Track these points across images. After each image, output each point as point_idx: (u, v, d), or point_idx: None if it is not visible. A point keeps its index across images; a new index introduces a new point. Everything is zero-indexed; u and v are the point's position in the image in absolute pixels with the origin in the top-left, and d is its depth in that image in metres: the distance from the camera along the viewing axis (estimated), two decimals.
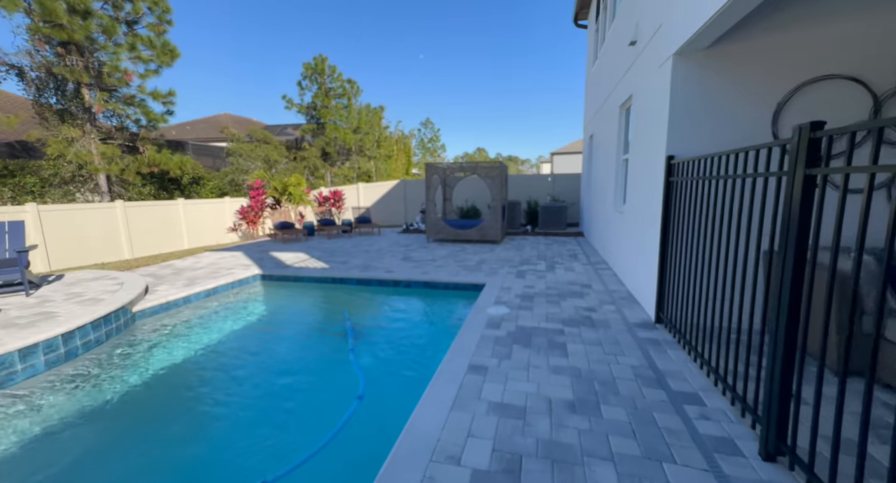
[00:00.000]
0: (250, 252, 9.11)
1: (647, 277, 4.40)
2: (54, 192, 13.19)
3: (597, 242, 8.49)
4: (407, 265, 7.15)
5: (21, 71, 12.20)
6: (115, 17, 12.66)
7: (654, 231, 4.07)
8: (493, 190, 9.47)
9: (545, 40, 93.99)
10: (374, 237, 11.40)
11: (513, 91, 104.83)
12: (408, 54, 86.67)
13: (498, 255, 8.15)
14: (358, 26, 69.17)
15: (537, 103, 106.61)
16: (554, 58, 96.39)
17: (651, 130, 4.35)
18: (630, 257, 5.29)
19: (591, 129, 10.17)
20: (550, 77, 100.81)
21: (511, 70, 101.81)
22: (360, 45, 71.05)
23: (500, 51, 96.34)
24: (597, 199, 8.67)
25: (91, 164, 12.08)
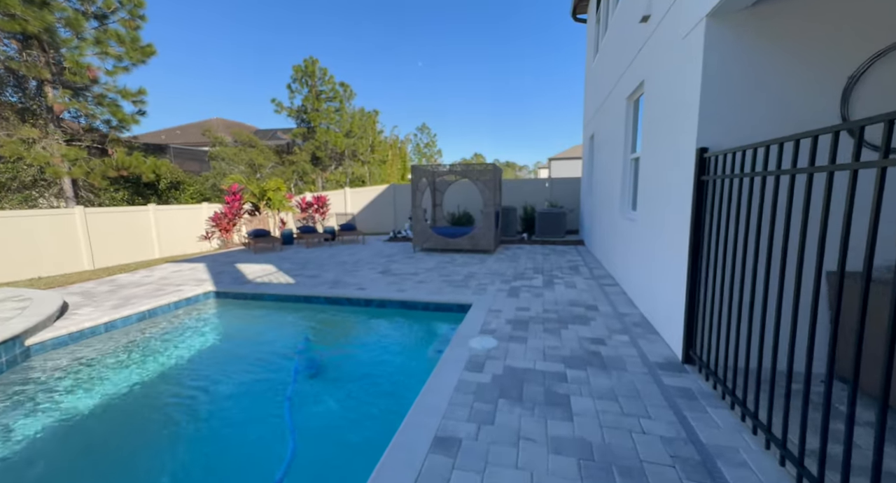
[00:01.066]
0: (214, 264, 8.18)
1: (669, 301, 3.51)
2: (12, 198, 12.25)
3: (600, 252, 7.62)
4: (384, 280, 6.25)
5: None
6: (82, 10, 11.84)
7: (679, 243, 3.21)
8: (484, 195, 8.62)
9: (543, 44, 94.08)
10: (357, 246, 10.50)
11: (511, 96, 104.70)
12: (404, 59, 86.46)
13: (489, 267, 7.27)
14: (355, 30, 68.88)
15: (535, 109, 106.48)
16: (552, 62, 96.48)
17: (672, 120, 3.50)
18: (643, 273, 4.42)
19: (591, 129, 9.37)
20: (548, 82, 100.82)
21: (508, 75, 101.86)
22: (355, 48, 70.72)
23: (498, 55, 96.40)
24: (599, 204, 7.83)
25: (51, 167, 11.15)
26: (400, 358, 4.15)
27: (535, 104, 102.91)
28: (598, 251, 7.78)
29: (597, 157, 8.49)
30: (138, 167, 13.24)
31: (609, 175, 6.74)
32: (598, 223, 7.98)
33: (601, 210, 7.55)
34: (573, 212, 12.41)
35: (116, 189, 14.77)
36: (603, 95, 7.39)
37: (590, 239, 9.18)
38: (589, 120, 9.89)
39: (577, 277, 6.28)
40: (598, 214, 7.90)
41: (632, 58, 5.01)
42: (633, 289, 4.92)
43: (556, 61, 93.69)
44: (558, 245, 10.06)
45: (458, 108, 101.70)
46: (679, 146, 3.30)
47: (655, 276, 3.93)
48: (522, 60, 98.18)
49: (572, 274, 6.54)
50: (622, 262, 5.57)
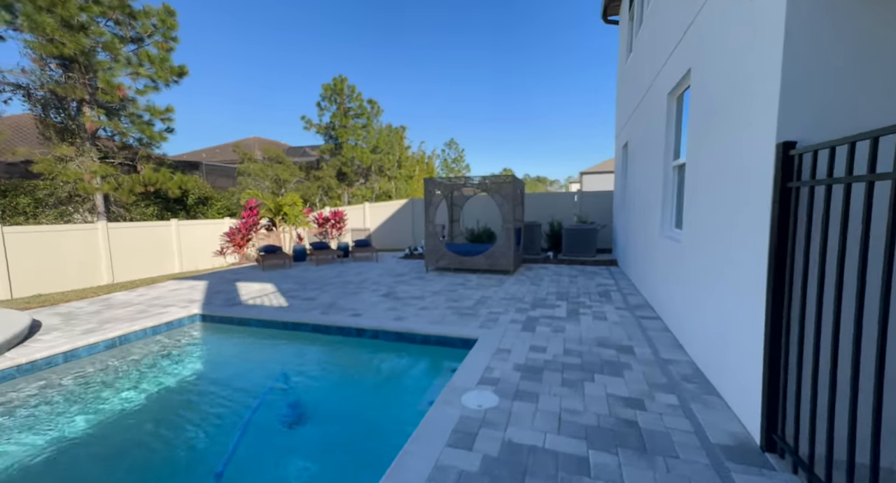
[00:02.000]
0: (217, 281, 7.83)
1: (736, 350, 2.58)
2: (49, 213, 12.73)
3: (636, 275, 6.59)
4: (384, 305, 5.55)
5: (27, 91, 11.95)
6: (120, 34, 12.41)
7: (750, 272, 2.31)
8: (503, 209, 7.83)
9: (577, 60, 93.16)
10: (369, 264, 9.94)
11: (542, 111, 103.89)
12: (433, 76, 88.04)
13: (506, 290, 6.41)
14: (384, 48, 71.11)
15: (566, 123, 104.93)
16: (585, 75, 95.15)
17: (732, 111, 2.64)
18: (694, 307, 3.46)
19: (624, 137, 8.43)
20: (580, 95, 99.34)
21: (540, 90, 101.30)
22: (384, 67, 72.84)
23: (529, 71, 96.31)
24: (634, 220, 6.84)
25: (81, 183, 11.49)
26: (383, 412, 3.39)
27: (566, 118, 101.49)
28: (634, 274, 6.75)
29: (631, 167, 7.53)
30: (165, 183, 13.50)
31: (645, 187, 5.80)
32: (633, 242, 6.98)
33: (637, 227, 6.57)
34: (605, 228, 11.32)
35: (147, 204, 15.18)
36: (638, 97, 6.51)
37: (624, 259, 8.13)
38: (622, 128, 8.96)
39: (607, 306, 5.32)
40: (633, 232, 6.90)
41: (674, 44, 4.17)
42: (679, 326, 3.94)
43: (588, 75, 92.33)
44: (588, 265, 9.04)
45: (487, 123, 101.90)
46: (743, 144, 2.43)
47: (712, 312, 2.99)
48: (555, 77, 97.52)
49: (602, 301, 5.58)
50: (664, 290, 4.59)
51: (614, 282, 7.01)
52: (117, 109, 12.59)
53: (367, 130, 26.21)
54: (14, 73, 10.81)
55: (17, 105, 11.96)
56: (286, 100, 74.13)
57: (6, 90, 11.66)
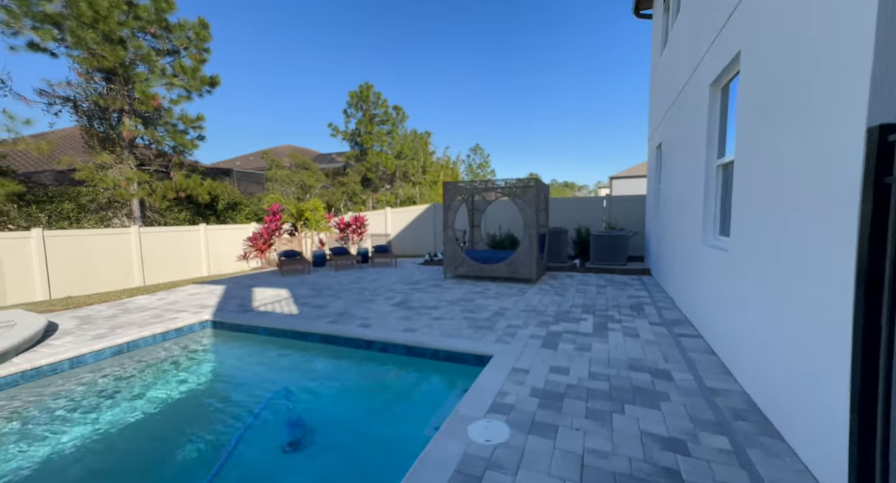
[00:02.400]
0: (234, 286, 7.82)
1: (812, 382, 2.09)
2: (90, 218, 13.38)
3: (672, 286, 5.99)
4: (396, 315, 5.26)
5: (75, 103, 12.66)
6: (158, 47, 13.01)
7: (836, 288, 1.83)
8: (525, 214, 7.40)
9: (607, 61, 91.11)
10: (388, 270, 9.73)
11: (570, 113, 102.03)
12: (459, 81, 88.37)
13: (528, 301, 5.98)
14: (410, 55, 72.19)
15: (597, 127, 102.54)
16: (616, 79, 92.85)
17: (801, 92, 2.18)
18: (746, 327, 2.95)
19: (658, 137, 7.83)
20: (612, 100, 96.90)
21: (569, 92, 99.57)
22: (409, 71, 73.79)
23: (557, 73, 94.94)
24: (670, 226, 6.25)
25: (118, 189, 12.00)
26: (380, 436, 3.06)
27: (595, 121, 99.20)
28: (670, 285, 6.14)
29: (666, 169, 6.94)
30: (195, 189, 13.94)
31: (683, 190, 5.24)
32: (668, 250, 6.38)
33: (673, 234, 5.98)
34: (637, 235, 10.62)
35: (180, 210, 15.77)
36: (674, 92, 5.97)
37: (658, 268, 7.49)
38: (655, 128, 8.35)
39: (640, 321, 4.79)
40: (669, 239, 6.31)
41: (719, 27, 3.68)
42: (727, 347, 3.41)
43: (620, 77, 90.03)
44: (617, 274, 8.43)
45: (514, 128, 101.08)
46: (816, 131, 1.97)
47: (774, 334, 2.49)
48: (584, 80, 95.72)
49: (634, 316, 5.05)
50: (707, 306, 4.04)
51: (647, 293, 6.43)
52: (153, 119, 13.14)
53: (391, 136, 26.41)
54: (61, 86, 11.46)
55: (66, 117, 12.65)
56: (318, 108, 76.45)
57: (57, 103, 12.38)
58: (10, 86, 11.12)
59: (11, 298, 8.19)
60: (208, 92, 15.05)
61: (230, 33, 64.15)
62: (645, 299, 5.99)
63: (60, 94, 12.15)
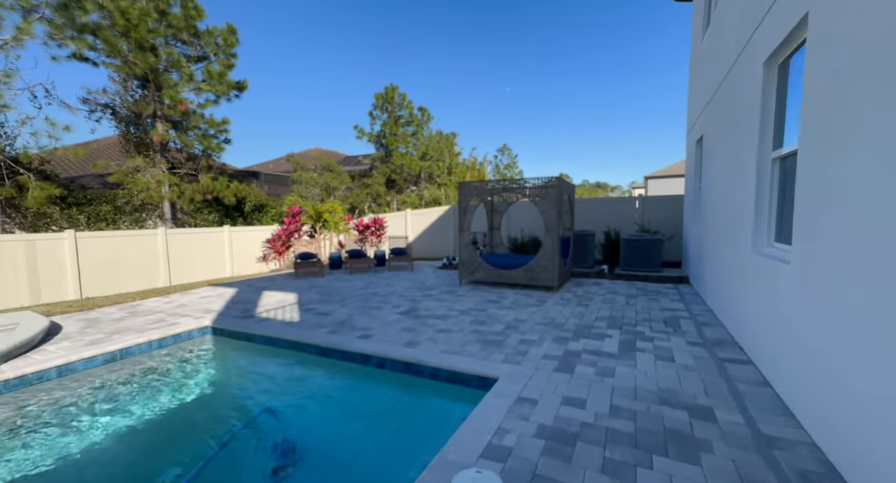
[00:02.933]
0: (245, 289, 7.73)
1: None
2: (126, 219, 13.96)
3: (714, 298, 5.25)
4: (400, 325, 4.87)
5: (113, 110, 13.23)
6: (190, 54, 13.41)
7: None
8: (546, 217, 6.83)
9: (642, 59, 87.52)
10: (403, 274, 9.40)
11: (602, 111, 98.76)
12: (486, 81, 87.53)
13: (546, 312, 5.43)
14: (437, 55, 72.12)
15: (630, 126, 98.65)
16: (651, 74, 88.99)
17: None
18: (815, 356, 2.32)
19: (699, 130, 7.04)
20: (645, 95, 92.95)
21: (599, 89, 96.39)
22: (436, 71, 73.71)
23: (588, 71, 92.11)
24: (712, 229, 5.51)
25: (147, 192, 12.41)
26: (360, 472, 2.66)
27: (629, 120, 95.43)
28: (712, 296, 5.40)
29: (707, 165, 6.17)
30: (222, 191, 14.24)
31: (729, 188, 4.53)
32: (709, 256, 5.62)
33: (715, 238, 5.24)
34: (673, 239, 9.73)
35: (210, 212, 16.25)
36: (719, 76, 5.24)
37: (698, 276, 6.70)
38: (695, 120, 7.54)
39: (676, 340, 4.15)
40: (711, 243, 5.56)
41: None
42: (789, 380, 2.76)
43: (654, 72, 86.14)
44: (650, 282, 7.66)
45: (543, 128, 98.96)
46: None
47: (861, 369, 1.88)
48: (614, 72, 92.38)
49: (669, 333, 4.40)
50: (761, 325, 3.38)
51: (684, 305, 5.70)
52: (182, 123, 13.53)
53: (416, 138, 26.27)
54: (99, 94, 11.97)
55: (107, 124, 13.21)
56: (347, 111, 78.03)
57: (97, 110, 12.97)
58: (54, 94, 11.72)
59: (45, 297, 8.50)
60: (236, 96, 15.37)
61: (259, 38, 66.63)
62: (681, 312, 5.29)
63: (101, 101, 12.73)
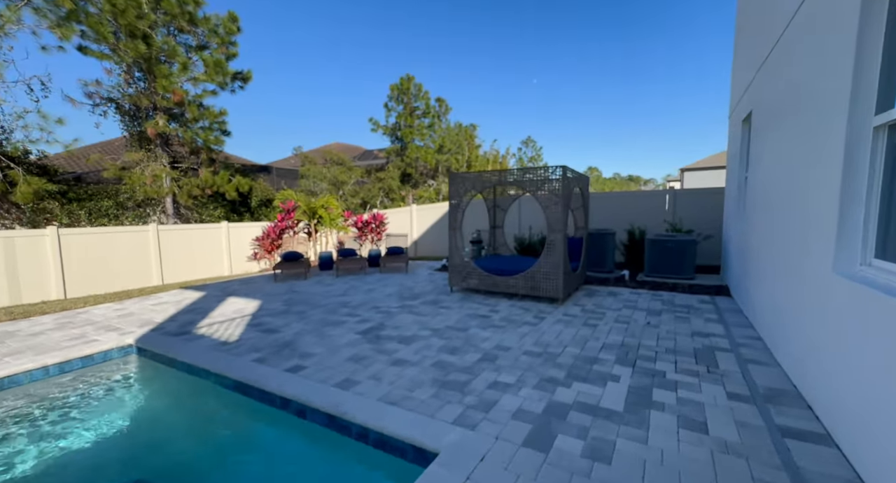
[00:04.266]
0: (212, 294, 7.02)
1: None
2: (128, 215, 13.78)
3: (765, 323, 3.97)
4: (350, 351, 3.90)
5: (118, 104, 12.95)
6: (190, 43, 12.94)
7: None
8: (549, 214, 5.65)
9: (676, 47, 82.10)
10: (396, 277, 8.45)
11: (635, 102, 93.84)
12: (507, 70, 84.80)
13: (541, 335, 4.31)
14: (458, 42, 70.28)
15: (665, 116, 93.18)
16: (685, 60, 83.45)
17: None
18: None
19: (747, 104, 5.62)
20: (680, 82, 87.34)
21: (632, 77, 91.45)
22: (460, 62, 71.88)
23: (618, 61, 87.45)
24: (763, 232, 4.18)
25: (143, 187, 12.05)
26: None
27: (664, 110, 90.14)
28: (762, 319, 4.10)
29: (759, 147, 4.80)
30: (222, 185, 13.78)
31: (795, 176, 3.24)
32: (759, 266, 4.30)
33: (769, 244, 3.93)
34: (710, 239, 8.26)
35: (215, 207, 15.93)
36: (778, 27, 3.89)
37: (741, 288, 5.35)
38: (741, 93, 6.09)
39: (710, 389, 2.95)
40: (761, 251, 4.23)
41: None
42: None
43: (689, 57, 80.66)
44: (681, 292, 6.34)
45: (570, 119, 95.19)
46: None
47: None
48: (647, 58, 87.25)
49: (701, 376, 3.20)
50: (848, 382, 2.16)
51: (723, 328, 4.42)
52: (182, 115, 13.09)
53: (432, 129, 25.20)
54: (93, 85, 11.64)
55: (112, 119, 12.91)
56: (368, 105, 77.86)
57: (100, 103, 12.70)
58: (50, 87, 11.48)
59: (26, 298, 8.14)
60: (241, 87, 14.84)
61: (281, 34, 67.19)
62: (719, 340, 4.03)
63: (105, 95, 12.44)
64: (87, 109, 12.66)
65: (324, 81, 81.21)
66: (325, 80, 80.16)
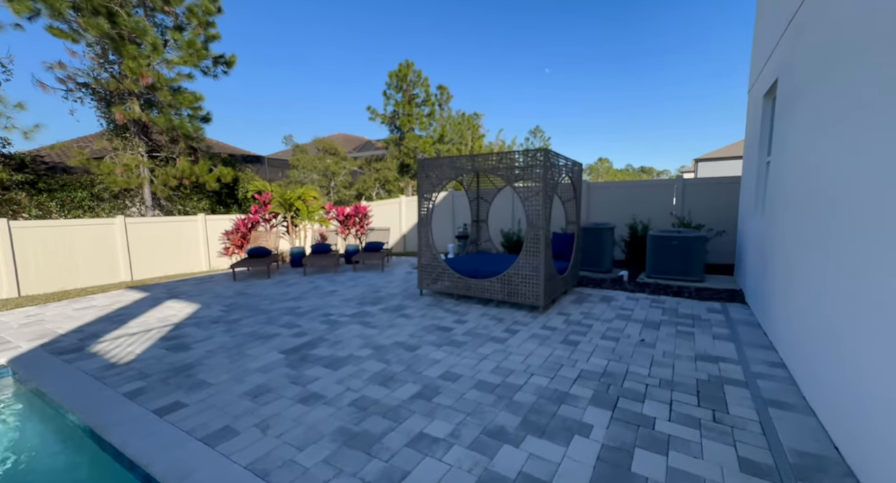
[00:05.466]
0: (153, 295, 6.32)
1: None
2: (105, 207, 13.19)
3: (792, 347, 3.06)
4: (256, 380, 3.12)
5: (94, 90, 12.24)
6: (169, 24, 12.17)
7: None
8: (528, 206, 4.76)
9: (692, 32, 78.82)
10: (369, 275, 7.67)
11: (647, 90, 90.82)
12: (528, 60, 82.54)
13: (506, 357, 3.47)
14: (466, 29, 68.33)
15: (678, 105, 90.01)
16: (698, 43, 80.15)
17: None
18: None
19: (773, 71, 4.60)
20: (695, 69, 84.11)
21: (644, 65, 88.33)
22: (463, 49, 69.95)
23: (630, 47, 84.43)
24: (797, 229, 3.25)
25: (110, 177, 11.38)
26: None
27: (677, 99, 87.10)
28: (789, 342, 3.20)
29: (788, 123, 3.82)
30: (202, 176, 13.09)
31: (844, 156, 2.32)
32: (787, 272, 3.38)
33: (801, 245, 3.01)
34: (722, 235, 7.26)
35: (199, 198, 15.27)
36: None
37: (759, 295, 4.41)
38: (765, 60, 5.06)
39: (717, 451, 2.09)
40: (790, 252, 3.31)
41: None
42: None
43: (702, 43, 77.45)
44: (687, 298, 5.42)
45: (582, 108, 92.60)
46: None
47: None
48: (662, 44, 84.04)
49: (702, 425, 2.33)
50: None
51: (736, 348, 3.53)
52: (155, 101, 12.34)
53: (432, 118, 24.16)
54: (56, 67, 10.91)
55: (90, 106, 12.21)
56: (372, 94, 76.69)
57: (74, 89, 11.99)
58: (11, 70, 10.81)
59: None
60: (224, 73, 14.07)
61: (287, 24, 66.08)
62: (730, 367, 3.15)
63: (80, 80, 11.74)
64: (59, 96, 11.98)
65: (329, 71, 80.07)
66: (330, 68, 79.00)
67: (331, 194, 18.95)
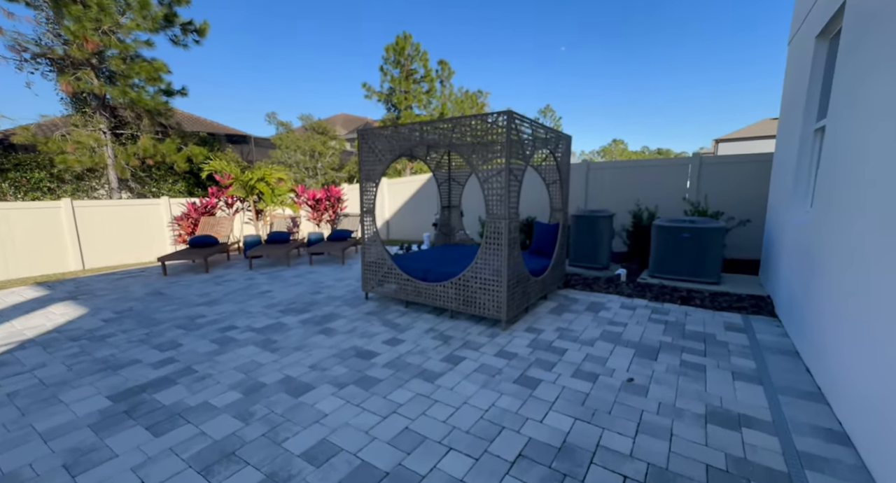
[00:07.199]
0: (50, 295, 5.35)
1: None
2: (67, 188, 12.31)
3: (861, 412, 1.89)
4: (17, 457, 2.09)
5: (51, 60, 11.13)
6: None
7: None
8: (489, 187, 3.56)
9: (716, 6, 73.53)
10: (325, 269, 6.61)
11: (666, 67, 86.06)
12: (543, 38, 78.58)
13: (421, 410, 2.37)
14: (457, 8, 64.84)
15: (698, 83, 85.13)
16: (720, 20, 74.99)
17: None
18: None
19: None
20: (716, 46, 79.01)
21: (659, 40, 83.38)
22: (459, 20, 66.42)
23: (645, 24, 79.46)
24: (872, 221, 2.02)
25: (61, 156, 10.40)
26: None
27: (698, 76, 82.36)
28: (854, 397, 2.02)
29: (856, 69, 2.50)
30: (169, 155, 12.06)
31: None
32: (855, 294, 2.17)
33: (885, 244, 1.79)
34: (747, 225, 5.95)
35: (175, 180, 14.31)
36: None
37: (800, 311, 3.19)
38: None
39: None
40: (871, 262, 2.09)
41: None
42: None
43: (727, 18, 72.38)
44: (698, 307, 4.20)
45: (595, 88, 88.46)
46: None
47: None
48: (678, 20, 78.95)
49: None
50: None
51: (764, 392, 2.37)
52: (116, 73, 11.21)
53: (431, 95, 22.54)
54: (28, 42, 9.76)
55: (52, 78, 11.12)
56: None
57: (31, 60, 10.90)
58: None
59: None
60: (196, 42, 12.85)
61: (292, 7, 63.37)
62: (761, 438, 1.99)
63: (37, 51, 10.66)
64: (13, 66, 10.91)
65: (340, 48, 77.53)
66: (336, 44, 76.44)
67: (318, 176, 17.81)
